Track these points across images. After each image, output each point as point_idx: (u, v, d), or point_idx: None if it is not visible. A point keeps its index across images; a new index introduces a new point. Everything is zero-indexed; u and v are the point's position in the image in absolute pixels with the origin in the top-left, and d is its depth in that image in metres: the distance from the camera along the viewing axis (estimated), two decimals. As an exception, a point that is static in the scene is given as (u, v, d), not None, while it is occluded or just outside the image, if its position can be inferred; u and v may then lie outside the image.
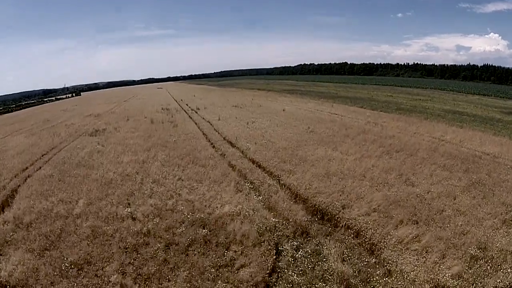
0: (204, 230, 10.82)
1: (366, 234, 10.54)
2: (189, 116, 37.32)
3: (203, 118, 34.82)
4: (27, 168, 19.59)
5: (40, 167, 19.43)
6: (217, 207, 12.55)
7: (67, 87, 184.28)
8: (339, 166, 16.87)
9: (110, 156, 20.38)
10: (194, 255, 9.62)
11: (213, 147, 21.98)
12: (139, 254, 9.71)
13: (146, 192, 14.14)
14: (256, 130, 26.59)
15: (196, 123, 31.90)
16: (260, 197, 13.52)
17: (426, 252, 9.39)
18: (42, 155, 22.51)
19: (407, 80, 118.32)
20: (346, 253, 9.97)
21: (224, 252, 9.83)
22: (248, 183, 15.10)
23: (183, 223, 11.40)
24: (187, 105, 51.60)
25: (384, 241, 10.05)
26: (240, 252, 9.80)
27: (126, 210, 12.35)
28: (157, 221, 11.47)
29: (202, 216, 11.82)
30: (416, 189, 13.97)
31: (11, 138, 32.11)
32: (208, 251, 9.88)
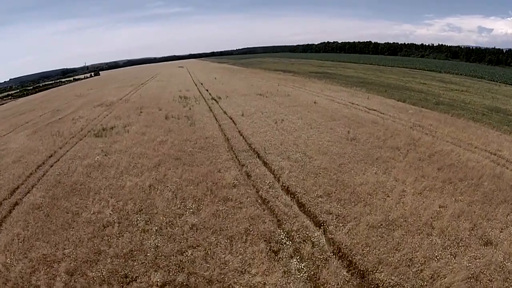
0: None
1: None
2: (209, 108, 32.94)
3: (225, 112, 30.39)
4: (18, 187, 16.37)
5: (33, 186, 16.23)
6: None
7: (87, 66, 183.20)
8: (398, 207, 12.47)
9: (111, 175, 16.55)
10: None
11: (237, 161, 17.65)
12: None
13: (149, 254, 10.13)
14: (287, 133, 21.99)
15: (216, 120, 27.54)
16: (304, 271, 9.26)
17: None
18: (38, 167, 19.22)
19: (433, 62, 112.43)
20: None
21: None
22: (285, 237, 10.79)
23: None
24: (207, 91, 47.18)
25: None
26: None
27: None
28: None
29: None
30: (496, 253, 9.85)
31: (14, 136, 29.22)
32: None
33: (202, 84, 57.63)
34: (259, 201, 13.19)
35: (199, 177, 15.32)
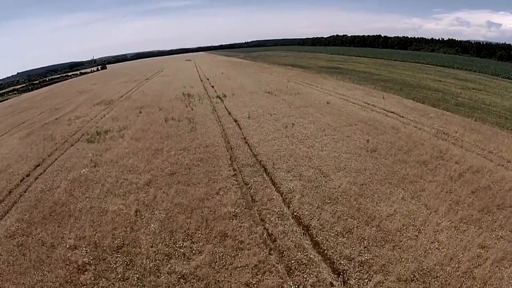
0: None
1: None
2: (213, 109, 30.47)
3: (230, 113, 27.93)
4: (-2, 203, 14.55)
5: (13, 205, 14.53)
6: None
7: (94, 60, 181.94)
8: (433, 248, 10.08)
9: (95, 195, 14.40)
10: None
11: (240, 179, 15.20)
12: None
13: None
14: (298, 142, 19.45)
15: (220, 123, 25.08)
16: None
17: None
18: (22, 180, 17.46)
19: (444, 57, 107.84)
20: None
21: None
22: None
23: None
24: (212, 87, 44.66)
25: None
26: None
27: None
28: None
29: None
30: None
31: (7, 138, 27.58)
32: None
33: (208, 79, 55.10)
34: (264, 238, 10.75)
35: (194, 202, 12.96)
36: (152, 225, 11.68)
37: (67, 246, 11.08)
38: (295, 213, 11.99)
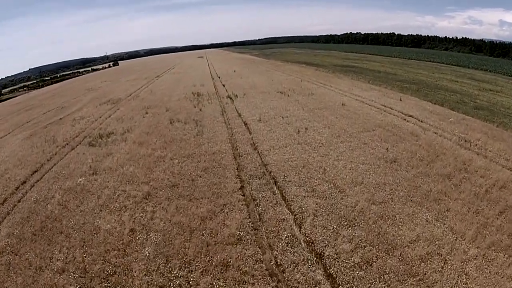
0: None
1: None
2: (222, 110, 29.13)
3: (240, 115, 26.61)
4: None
5: (5, 217, 13.68)
6: None
7: (107, 56, 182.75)
8: (461, 282, 8.76)
9: (89, 209, 13.34)
10: None
11: (248, 193, 13.83)
12: None
13: None
14: (312, 150, 17.96)
15: (228, 126, 23.71)
16: None
17: None
18: (18, 188, 16.57)
19: (458, 56, 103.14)
20: None
21: None
22: None
23: None
24: (223, 86, 43.38)
25: None
26: None
27: None
28: None
29: None
30: None
31: (10, 139, 27.09)
32: None
33: (219, 77, 53.84)
34: (272, 269, 9.38)
35: (195, 222, 11.67)
36: (147, 248, 10.45)
37: (55, 270, 10.07)
38: (307, 238, 10.57)
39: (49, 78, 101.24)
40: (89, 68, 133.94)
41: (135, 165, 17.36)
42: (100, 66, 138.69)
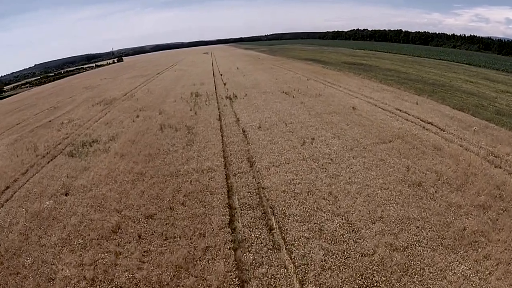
0: None
1: None
2: (219, 114, 26.44)
3: (238, 120, 24.00)
4: None
5: None
6: None
7: (113, 52, 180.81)
8: None
9: (51, 244, 11.17)
10: None
11: (236, 230, 11.21)
12: None
13: None
14: (319, 168, 15.25)
15: (223, 136, 21.02)
16: None
17: None
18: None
19: (467, 54, 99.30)
20: None
21: None
22: None
23: None
24: (224, 85, 40.80)
25: None
26: None
27: None
28: None
29: None
30: None
31: (-4, 142, 24.75)
32: None
33: (221, 75, 51.21)
34: None
35: (167, 275, 9.08)
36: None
37: None
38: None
39: (52, 74, 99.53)
40: (93, 64, 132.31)
41: (111, 184, 14.89)
42: (105, 62, 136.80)
